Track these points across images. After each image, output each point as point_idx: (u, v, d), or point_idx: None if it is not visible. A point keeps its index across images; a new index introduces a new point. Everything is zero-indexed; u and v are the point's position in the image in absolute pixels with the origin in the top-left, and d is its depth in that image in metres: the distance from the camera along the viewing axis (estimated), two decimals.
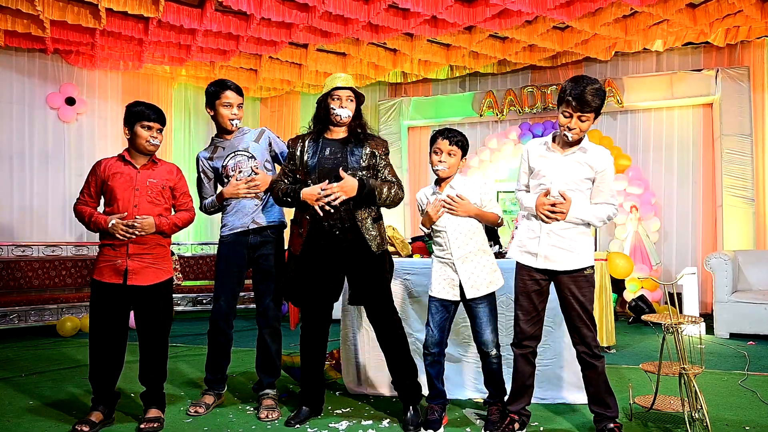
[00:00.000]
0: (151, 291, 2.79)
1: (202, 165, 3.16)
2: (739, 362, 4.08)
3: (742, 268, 5.49)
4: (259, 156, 3.10)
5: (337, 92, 2.82)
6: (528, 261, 2.60)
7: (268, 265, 3.05)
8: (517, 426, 2.63)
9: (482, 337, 2.72)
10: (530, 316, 2.61)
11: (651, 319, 2.74)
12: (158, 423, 2.77)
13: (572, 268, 2.53)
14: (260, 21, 5.54)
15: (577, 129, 2.48)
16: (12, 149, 6.17)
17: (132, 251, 2.74)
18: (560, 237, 2.54)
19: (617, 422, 2.54)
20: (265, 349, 3.08)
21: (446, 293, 2.73)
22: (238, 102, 3.07)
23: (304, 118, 8.39)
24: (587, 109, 2.44)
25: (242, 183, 2.99)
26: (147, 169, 2.83)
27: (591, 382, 2.57)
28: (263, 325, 3.07)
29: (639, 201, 6.51)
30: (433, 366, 2.79)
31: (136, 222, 2.71)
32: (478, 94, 7.46)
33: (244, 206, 3.05)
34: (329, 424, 2.81)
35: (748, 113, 6.25)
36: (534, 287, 2.60)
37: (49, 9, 5.08)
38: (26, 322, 5.40)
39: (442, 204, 2.70)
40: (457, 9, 5.39)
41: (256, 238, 3.05)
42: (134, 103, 2.85)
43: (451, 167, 2.73)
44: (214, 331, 3.08)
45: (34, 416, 2.97)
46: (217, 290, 3.07)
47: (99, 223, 2.75)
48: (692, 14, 5.53)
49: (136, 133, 2.79)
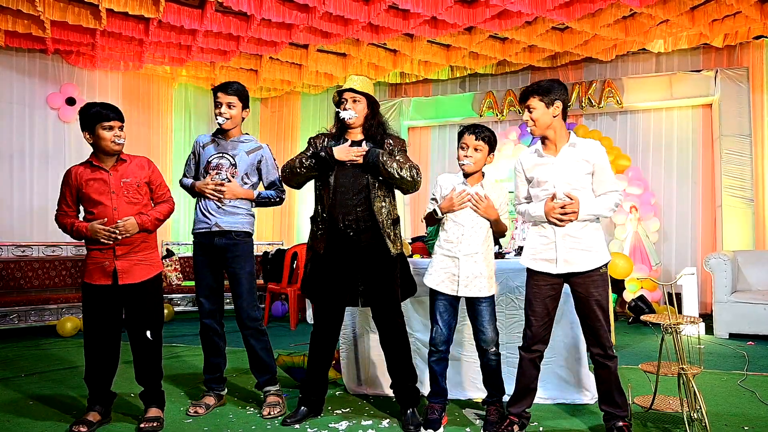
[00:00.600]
0: (142, 287, 2.79)
1: (196, 146, 3.20)
2: (738, 362, 4.08)
3: (742, 269, 5.50)
4: (241, 167, 3.08)
5: (343, 95, 2.87)
6: (545, 268, 2.58)
7: (235, 269, 3.04)
8: (517, 428, 2.63)
9: (483, 335, 2.74)
10: (543, 321, 2.60)
11: (650, 319, 2.74)
12: (158, 422, 2.77)
13: (593, 267, 2.53)
14: (260, 21, 5.54)
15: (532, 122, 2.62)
16: (12, 149, 6.18)
17: (119, 252, 2.74)
18: (576, 239, 2.54)
19: (626, 421, 2.54)
20: (251, 350, 3.09)
21: (445, 287, 2.74)
22: (227, 101, 3.05)
23: (304, 118, 8.40)
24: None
25: (211, 184, 3.01)
26: (117, 169, 2.79)
27: (603, 381, 2.57)
28: (242, 328, 3.08)
29: (638, 201, 6.52)
30: (439, 363, 2.79)
31: (118, 226, 2.71)
32: (478, 94, 7.47)
33: (207, 206, 3.05)
34: (329, 424, 2.81)
35: (748, 114, 6.26)
36: (550, 292, 2.60)
37: (50, 9, 5.09)
38: (26, 322, 5.40)
39: (470, 198, 2.71)
40: (457, 10, 5.40)
41: (222, 240, 3.03)
42: (88, 106, 2.77)
43: (476, 162, 2.75)
44: (204, 330, 3.11)
45: (34, 416, 2.97)
46: (196, 291, 3.12)
47: (81, 230, 2.74)
48: (691, 15, 5.54)
49: (99, 135, 2.73)
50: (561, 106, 2.57)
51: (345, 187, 2.81)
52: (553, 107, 2.56)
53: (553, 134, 2.59)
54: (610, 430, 2.54)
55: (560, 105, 2.57)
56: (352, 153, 2.79)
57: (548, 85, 2.56)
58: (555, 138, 2.59)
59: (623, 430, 2.50)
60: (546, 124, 2.58)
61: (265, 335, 3.11)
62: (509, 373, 3.02)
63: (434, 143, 7.94)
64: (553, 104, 2.55)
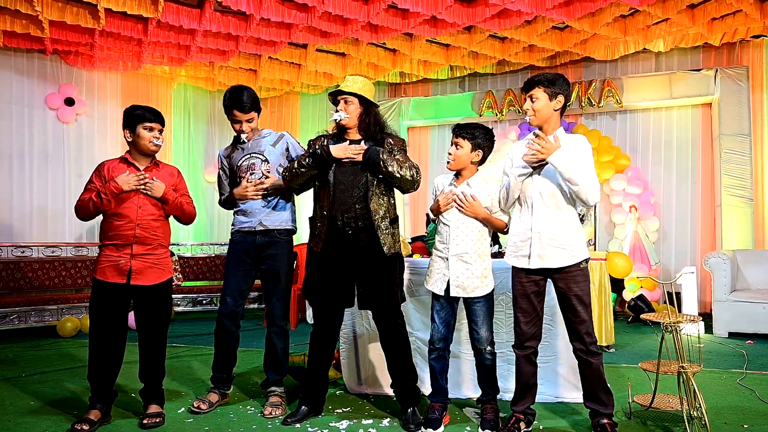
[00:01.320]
0: (153, 290, 2.83)
1: (220, 162, 3.25)
2: (737, 361, 4.09)
3: (741, 268, 5.50)
4: (273, 160, 3.14)
5: (338, 96, 2.89)
6: (522, 264, 2.60)
7: (274, 266, 3.10)
8: (523, 425, 2.64)
9: (477, 335, 2.75)
10: (530, 317, 2.62)
11: (650, 318, 2.75)
12: (160, 418, 2.81)
13: (567, 265, 2.53)
14: (260, 21, 5.54)
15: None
16: (11, 150, 6.17)
17: (136, 251, 2.78)
18: (551, 236, 2.54)
19: (611, 420, 2.54)
20: (271, 347, 3.13)
21: (437, 287, 2.76)
22: (245, 119, 3.10)
23: (303, 118, 8.40)
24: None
25: (251, 186, 3.06)
26: (150, 171, 2.88)
27: (586, 377, 2.58)
28: (270, 324, 3.13)
29: (638, 201, 6.52)
30: (438, 361, 2.80)
31: (147, 177, 2.78)
32: (477, 94, 7.47)
33: (252, 206, 3.09)
34: (330, 424, 2.82)
35: (747, 113, 6.26)
36: (532, 288, 2.61)
37: (48, 9, 5.08)
38: (26, 323, 5.40)
39: (453, 199, 2.72)
40: (457, 9, 5.40)
41: (264, 239, 3.09)
42: (133, 107, 2.88)
43: (457, 160, 2.76)
44: (220, 329, 3.11)
45: (36, 416, 2.97)
46: (224, 288, 3.13)
47: (111, 189, 2.72)
48: (691, 14, 5.55)
49: (139, 134, 2.82)
50: (563, 101, 2.59)
51: (344, 184, 2.81)
52: (555, 101, 2.57)
53: (548, 127, 2.61)
54: (595, 427, 2.55)
55: (562, 100, 2.59)
56: (350, 151, 2.80)
57: (554, 78, 2.58)
58: (548, 130, 2.61)
59: (606, 428, 2.50)
60: (546, 116, 2.59)
61: (287, 336, 3.15)
62: (510, 371, 3.02)
63: (434, 143, 7.93)
64: (556, 98, 2.57)
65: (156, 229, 2.84)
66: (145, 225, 2.80)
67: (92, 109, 6.76)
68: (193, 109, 7.88)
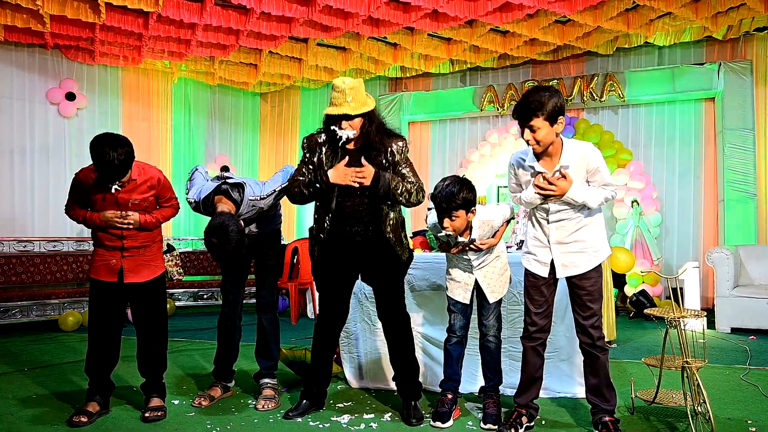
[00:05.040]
0: (147, 286, 2.87)
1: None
2: (740, 357, 4.08)
3: (744, 263, 5.48)
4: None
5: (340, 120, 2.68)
6: (543, 272, 2.55)
7: (265, 261, 3.19)
8: (525, 420, 2.61)
9: (486, 320, 2.79)
10: (542, 308, 2.59)
11: (654, 313, 2.73)
12: (162, 411, 2.82)
13: (594, 266, 2.51)
14: (260, 15, 5.52)
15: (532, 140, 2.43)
16: (12, 144, 6.16)
17: (126, 252, 2.81)
18: (569, 247, 2.51)
19: (613, 416, 2.52)
20: (261, 333, 3.19)
21: (462, 297, 2.78)
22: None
23: (304, 113, 8.38)
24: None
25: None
26: (127, 191, 2.78)
27: (591, 371, 2.56)
28: (259, 311, 3.19)
29: (640, 196, 6.50)
30: (457, 347, 2.80)
31: (129, 214, 2.76)
32: (478, 88, 7.44)
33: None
34: (331, 418, 2.81)
35: (751, 107, 6.22)
36: (545, 279, 2.59)
37: (49, 4, 5.07)
38: (28, 317, 5.41)
39: (467, 250, 2.71)
40: (458, 3, 5.36)
41: (254, 238, 3.14)
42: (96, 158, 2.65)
43: (457, 229, 2.63)
44: (222, 319, 3.19)
45: (38, 408, 2.98)
46: (222, 277, 3.23)
47: (94, 220, 2.81)
48: (694, 7, 5.51)
49: None
50: (564, 120, 2.45)
51: (351, 201, 2.73)
52: (557, 124, 2.42)
53: (553, 149, 2.48)
54: (596, 424, 2.53)
55: (563, 120, 2.44)
56: (350, 178, 2.65)
57: (549, 101, 2.36)
58: (554, 152, 2.48)
59: (608, 425, 2.47)
60: (550, 141, 2.45)
61: (277, 323, 3.21)
62: (512, 366, 3.02)
63: (434, 138, 7.91)
64: (556, 121, 2.40)
65: (142, 232, 2.85)
66: (130, 231, 2.81)
67: (93, 104, 6.75)
68: (194, 104, 7.85)
